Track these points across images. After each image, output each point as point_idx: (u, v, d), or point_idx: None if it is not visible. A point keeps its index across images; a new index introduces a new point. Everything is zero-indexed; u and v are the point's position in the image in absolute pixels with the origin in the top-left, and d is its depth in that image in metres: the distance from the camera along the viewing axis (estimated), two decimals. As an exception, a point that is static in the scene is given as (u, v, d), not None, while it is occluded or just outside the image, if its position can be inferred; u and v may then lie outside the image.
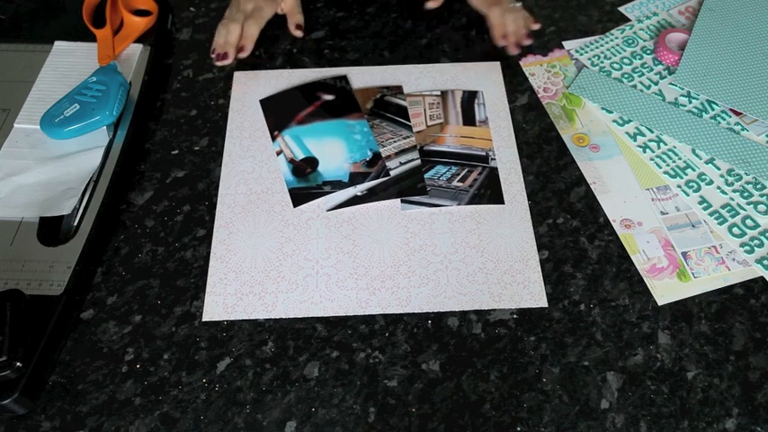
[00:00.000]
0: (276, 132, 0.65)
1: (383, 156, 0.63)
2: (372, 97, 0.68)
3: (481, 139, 0.65)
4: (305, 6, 0.78)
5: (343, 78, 0.69)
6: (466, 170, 0.62)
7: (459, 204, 0.60)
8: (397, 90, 0.68)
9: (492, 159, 0.63)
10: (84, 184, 0.58)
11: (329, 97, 0.67)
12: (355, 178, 0.61)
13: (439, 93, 0.69)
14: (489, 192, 0.61)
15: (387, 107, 0.67)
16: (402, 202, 0.60)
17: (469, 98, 0.68)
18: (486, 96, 0.68)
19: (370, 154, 0.62)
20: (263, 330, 0.53)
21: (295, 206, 0.60)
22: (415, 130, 0.65)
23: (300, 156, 0.63)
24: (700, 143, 0.64)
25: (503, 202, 0.60)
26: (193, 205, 0.61)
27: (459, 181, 0.61)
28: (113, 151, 0.61)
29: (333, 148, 0.63)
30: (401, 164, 0.62)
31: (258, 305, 0.54)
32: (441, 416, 0.49)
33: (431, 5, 0.76)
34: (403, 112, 0.66)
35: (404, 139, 0.64)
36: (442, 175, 0.62)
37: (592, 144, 0.65)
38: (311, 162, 0.62)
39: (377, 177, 0.60)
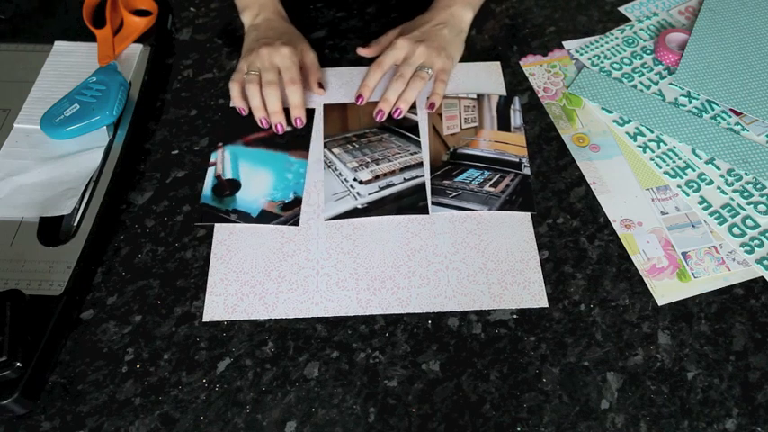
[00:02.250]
0: (220, 144, 0.64)
1: (387, 171, 0.62)
2: None
3: (515, 145, 0.64)
4: (305, 6, 0.78)
5: (311, 112, 0.67)
6: (498, 176, 0.62)
7: (489, 209, 0.59)
8: (412, 105, 0.67)
9: (525, 167, 0.63)
10: (84, 184, 0.58)
11: (287, 128, 0.65)
12: (264, 217, 0.59)
13: (475, 96, 0.68)
14: (521, 199, 0.60)
15: (398, 121, 0.66)
16: (433, 203, 0.60)
17: (505, 103, 0.68)
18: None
19: (291, 197, 0.60)
20: (263, 330, 0.53)
21: (199, 222, 0.59)
22: (449, 132, 0.65)
23: (228, 175, 0.62)
24: (700, 143, 0.64)
25: (534, 210, 0.59)
26: (193, 205, 0.61)
27: (490, 186, 0.60)
28: (113, 151, 0.61)
29: (260, 179, 0.62)
30: (405, 180, 0.62)
31: (258, 305, 0.54)
32: (441, 416, 0.49)
33: (363, 53, 0.71)
34: (413, 128, 0.66)
35: (411, 155, 0.63)
36: (473, 179, 0.61)
37: (592, 144, 0.65)
38: (233, 185, 0.61)
39: (285, 223, 0.59)
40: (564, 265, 0.57)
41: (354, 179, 0.61)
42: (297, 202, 0.60)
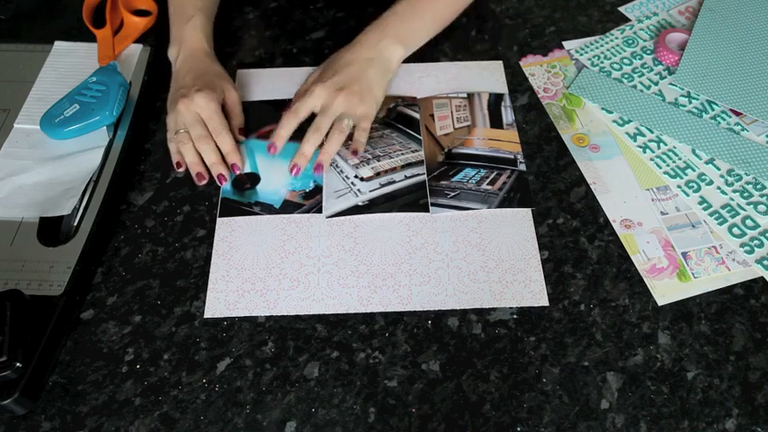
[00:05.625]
0: None
1: (388, 167, 0.62)
2: (386, 106, 0.67)
3: (509, 141, 0.64)
4: (305, 6, 0.78)
5: None
6: (495, 173, 0.62)
7: (489, 207, 0.59)
8: (412, 101, 0.67)
9: (520, 163, 0.63)
10: (84, 184, 0.58)
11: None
12: (287, 207, 0.60)
13: (465, 95, 0.68)
14: (519, 195, 0.60)
15: (399, 118, 0.66)
16: (432, 205, 0.60)
17: (496, 101, 0.68)
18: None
19: (311, 185, 0.61)
20: (263, 330, 0.53)
21: (220, 216, 0.59)
22: (442, 132, 0.65)
23: (247, 169, 0.62)
24: (700, 143, 0.64)
25: (532, 206, 0.60)
26: (193, 205, 0.61)
27: (488, 184, 0.61)
28: (113, 151, 0.61)
29: (278, 170, 0.62)
30: (406, 177, 0.62)
31: (260, 302, 0.54)
32: (441, 416, 0.49)
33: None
34: (415, 125, 0.66)
35: (412, 152, 0.63)
36: (470, 178, 0.61)
37: (592, 144, 0.65)
38: (253, 178, 0.62)
39: (308, 211, 0.59)
40: (564, 266, 0.57)
41: (356, 176, 0.61)
42: (318, 190, 0.61)
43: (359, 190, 0.61)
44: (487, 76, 0.70)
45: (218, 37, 0.75)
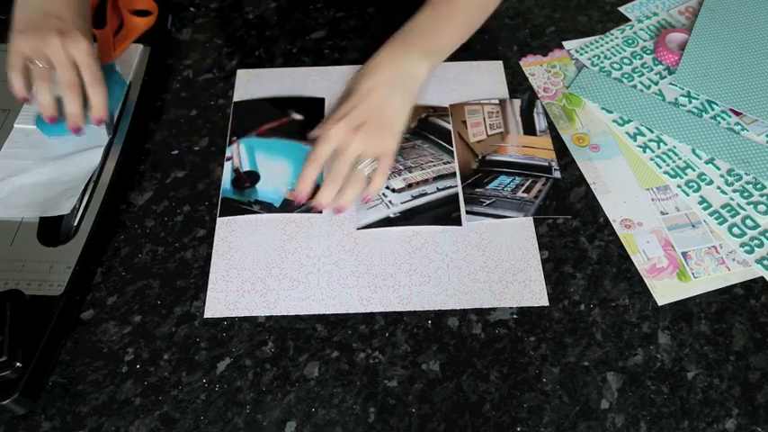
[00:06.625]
0: (234, 138, 0.65)
1: (420, 179, 0.61)
2: (417, 116, 0.66)
3: (543, 149, 0.64)
4: (305, 6, 0.78)
5: (321, 102, 0.68)
6: (530, 181, 0.61)
7: (525, 216, 0.59)
8: (443, 112, 0.67)
9: (555, 170, 0.62)
10: (84, 184, 0.58)
11: (298, 117, 0.66)
12: (286, 205, 0.59)
13: (497, 101, 0.68)
14: (555, 203, 0.60)
15: (431, 129, 0.66)
16: (467, 213, 0.59)
17: (528, 107, 0.67)
18: (489, 95, 0.68)
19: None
20: (263, 330, 0.53)
21: (221, 216, 0.59)
22: (476, 139, 0.64)
23: (246, 168, 0.62)
24: (700, 143, 0.64)
25: (570, 214, 0.59)
26: (193, 205, 0.61)
27: (523, 192, 0.60)
28: (113, 151, 0.61)
29: (278, 169, 0.62)
30: (438, 189, 0.61)
31: (260, 302, 0.54)
32: (441, 416, 0.49)
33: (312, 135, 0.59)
34: (446, 136, 0.65)
35: (444, 164, 0.62)
36: (506, 186, 0.61)
37: (592, 144, 0.65)
38: (252, 177, 0.62)
39: (309, 211, 0.59)
40: (564, 265, 0.57)
41: (387, 187, 0.61)
42: (318, 189, 0.60)
43: (390, 201, 0.60)
44: (487, 77, 0.70)
45: (219, 37, 0.75)
